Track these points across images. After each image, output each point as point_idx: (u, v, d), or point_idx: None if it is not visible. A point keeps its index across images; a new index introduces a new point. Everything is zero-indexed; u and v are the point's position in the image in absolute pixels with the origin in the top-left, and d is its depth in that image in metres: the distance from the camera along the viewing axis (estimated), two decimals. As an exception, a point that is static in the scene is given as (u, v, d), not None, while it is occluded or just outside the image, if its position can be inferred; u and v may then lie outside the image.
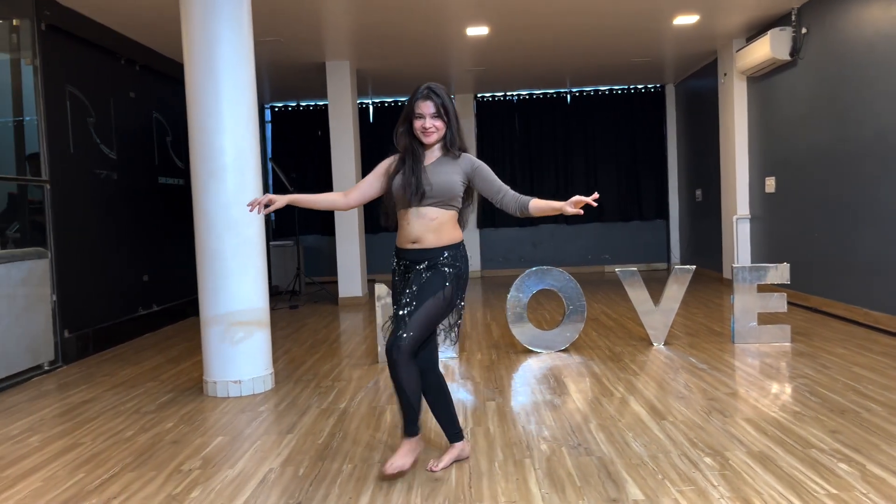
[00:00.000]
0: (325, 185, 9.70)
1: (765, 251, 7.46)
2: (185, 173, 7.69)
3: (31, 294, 4.99)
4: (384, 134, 10.61)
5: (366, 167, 9.98)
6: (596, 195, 2.60)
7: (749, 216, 7.81)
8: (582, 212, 2.65)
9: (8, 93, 5.23)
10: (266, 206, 2.80)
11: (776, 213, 7.16)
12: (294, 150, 10.60)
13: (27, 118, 5.22)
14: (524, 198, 2.77)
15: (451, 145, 2.79)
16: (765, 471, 2.68)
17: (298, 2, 5.77)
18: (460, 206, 2.84)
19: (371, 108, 10.62)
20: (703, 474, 2.68)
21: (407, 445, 2.78)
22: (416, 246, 2.78)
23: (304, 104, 10.66)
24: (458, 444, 2.90)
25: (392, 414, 3.67)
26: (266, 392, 4.23)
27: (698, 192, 9.59)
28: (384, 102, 10.65)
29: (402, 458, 2.74)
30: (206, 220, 4.17)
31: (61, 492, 2.79)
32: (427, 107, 2.74)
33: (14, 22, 5.13)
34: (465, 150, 2.83)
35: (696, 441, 3.05)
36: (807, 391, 3.75)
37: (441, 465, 2.83)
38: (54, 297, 5.20)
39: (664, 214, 10.70)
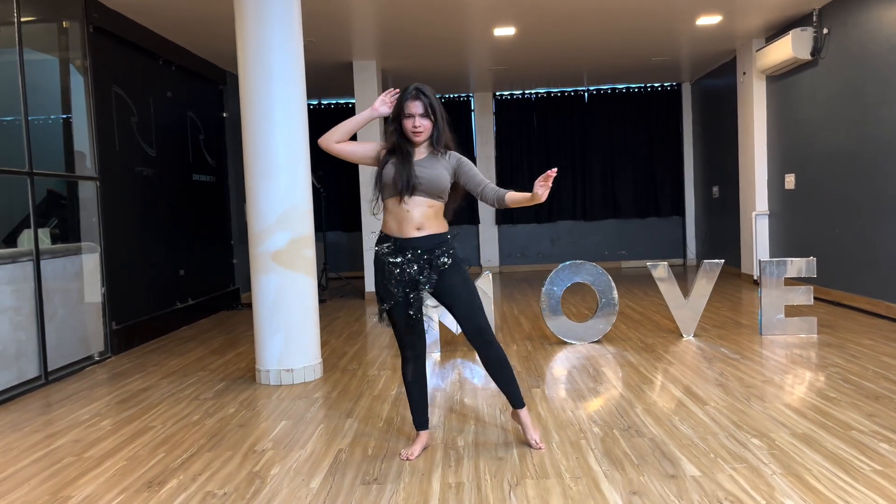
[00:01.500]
0: (352, 182, 9.88)
1: (784, 247, 7.62)
2: (216, 171, 7.88)
3: (84, 287, 5.18)
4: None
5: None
6: (555, 170, 2.79)
7: (768, 212, 7.97)
8: (545, 193, 2.77)
9: (57, 92, 5.41)
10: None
11: (796, 210, 7.32)
12: (317, 148, 10.75)
13: (74, 117, 5.40)
14: (501, 190, 2.95)
15: (437, 143, 2.96)
16: (811, 450, 2.86)
17: (331, 2, 5.94)
18: (446, 199, 3.00)
19: (391, 106, 10.76)
20: (753, 453, 2.85)
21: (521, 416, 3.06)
22: (421, 233, 2.90)
23: (325, 102, 10.84)
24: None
25: (444, 398, 3.84)
26: (316, 380, 4.41)
27: (715, 189, 9.75)
28: (404, 101, 10.80)
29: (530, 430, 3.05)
30: (259, 217, 4.35)
31: (147, 469, 2.97)
32: (416, 107, 2.88)
33: (64, 24, 5.31)
34: (450, 148, 2.99)
35: (740, 424, 3.22)
36: (840, 379, 3.91)
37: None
38: (104, 290, 5.39)
39: (680, 211, 10.87)
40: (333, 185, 10.59)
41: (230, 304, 7.89)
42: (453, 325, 5.08)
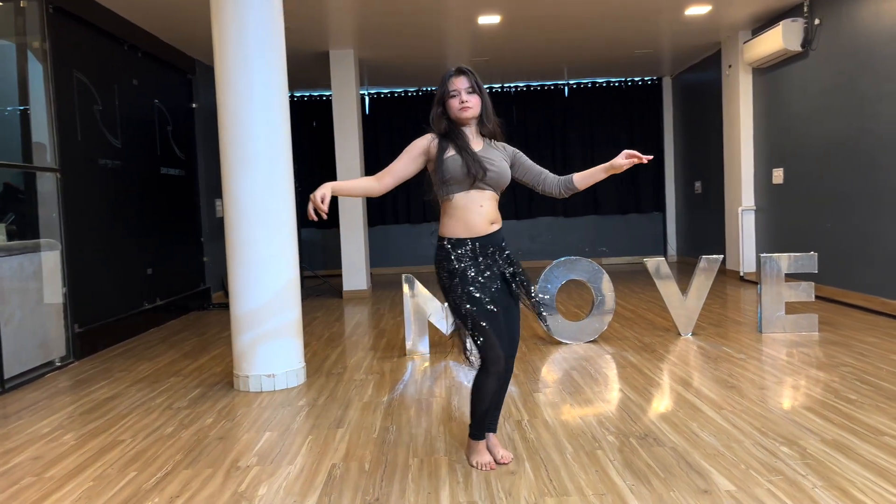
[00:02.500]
0: (329, 176, 9.53)
1: (770, 242, 7.50)
2: (185, 164, 7.49)
3: (43, 287, 4.80)
4: (380, 125, 10.54)
5: (365, 158, 9.84)
6: (649, 158, 2.68)
7: (754, 207, 7.84)
8: (627, 164, 2.68)
9: (14, 78, 5.01)
10: (322, 203, 2.57)
11: (784, 205, 7.19)
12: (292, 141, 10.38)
13: (32, 105, 5.01)
14: (563, 177, 2.79)
15: (488, 121, 2.71)
16: (847, 459, 2.65)
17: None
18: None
19: (367, 98, 10.46)
20: (786, 463, 2.63)
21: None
22: (495, 227, 2.71)
23: (297, 95, 10.47)
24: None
25: (440, 405, 3.57)
26: (300, 386, 4.11)
27: (697, 184, 9.62)
28: (380, 93, 10.50)
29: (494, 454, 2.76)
30: (237, 209, 4.03)
31: (117, 491, 2.65)
32: (461, 82, 2.65)
33: (21, 3, 4.91)
34: (497, 136, 2.77)
35: (764, 430, 3.00)
36: (854, 379, 3.73)
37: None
38: (65, 291, 5.00)
39: (661, 207, 10.73)
40: (308, 181, 10.21)
41: (201, 304, 7.51)
42: (443, 325, 4.82)
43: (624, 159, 2.67)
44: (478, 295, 2.60)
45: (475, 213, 2.66)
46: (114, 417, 3.62)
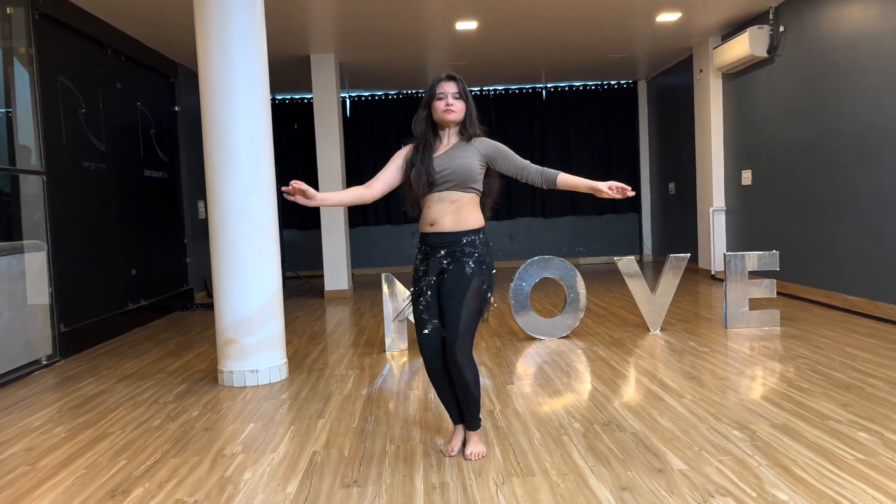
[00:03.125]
0: (309, 179, 9.66)
1: (741, 242, 7.74)
2: (168, 166, 7.61)
3: (30, 287, 4.91)
4: (361, 128, 10.69)
5: (346, 159, 9.98)
6: (631, 192, 2.75)
7: (724, 208, 8.09)
8: (611, 195, 2.75)
9: None
10: (303, 194, 2.74)
11: (753, 205, 7.44)
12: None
13: (18, 109, 5.11)
14: (551, 171, 2.85)
15: (469, 126, 2.84)
16: (792, 440, 2.85)
17: (295, -6, 5.78)
18: (481, 189, 2.87)
19: (348, 101, 10.61)
20: (737, 445, 2.83)
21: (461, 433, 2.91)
22: (433, 229, 2.80)
23: (279, 97, 10.60)
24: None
25: (417, 397, 3.74)
26: (282, 381, 4.26)
27: (671, 186, 9.87)
28: (361, 96, 10.66)
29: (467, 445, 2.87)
30: (220, 210, 4.17)
31: (109, 478, 2.79)
32: (450, 86, 2.80)
33: (8, 10, 5.02)
34: (478, 135, 2.87)
35: (719, 416, 3.21)
36: (808, 370, 3.95)
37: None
38: (51, 291, 5.12)
39: (637, 207, 10.98)
40: (287, 182, 10.34)
41: (184, 304, 7.62)
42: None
43: (607, 189, 2.74)
44: (417, 292, 2.82)
45: (423, 214, 2.85)
46: (102, 411, 3.75)
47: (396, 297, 4.96)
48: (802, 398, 3.42)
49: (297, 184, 2.72)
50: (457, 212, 2.79)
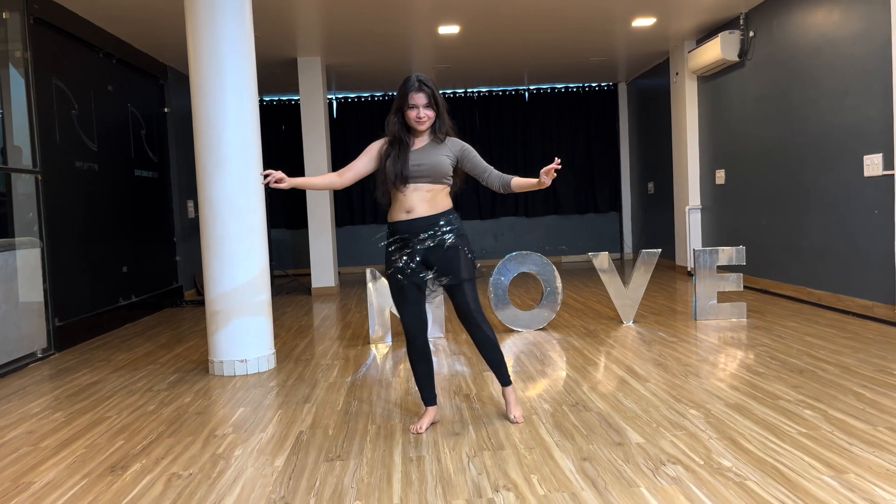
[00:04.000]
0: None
1: (716, 239, 8.01)
2: (158, 166, 7.78)
3: (25, 283, 5.08)
4: (347, 128, 10.90)
5: (333, 162, 10.19)
6: (557, 161, 2.96)
7: (700, 207, 8.35)
8: (549, 181, 2.96)
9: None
10: (277, 182, 3.05)
11: (726, 204, 7.71)
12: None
13: (13, 111, 5.28)
14: (507, 176, 3.10)
15: (439, 131, 3.07)
16: (743, 417, 3.09)
17: (282, -1, 5.98)
18: (451, 182, 3.12)
19: (335, 102, 10.81)
20: (692, 422, 3.06)
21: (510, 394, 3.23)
22: (409, 216, 3.01)
23: (266, 98, 10.78)
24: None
25: (398, 384, 3.96)
26: (270, 370, 4.46)
27: (650, 185, 10.13)
28: (347, 98, 10.86)
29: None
30: (211, 208, 4.37)
31: (108, 455, 2.99)
32: (420, 98, 3.01)
33: (3, 15, 5.19)
34: (450, 135, 3.11)
35: (679, 397, 3.44)
36: (767, 356, 4.20)
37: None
38: (46, 287, 5.29)
39: (617, 207, 11.24)
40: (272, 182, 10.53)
41: (174, 301, 7.80)
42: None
43: (545, 176, 2.95)
44: (399, 266, 3.04)
45: (398, 202, 3.07)
46: (98, 398, 3.94)
47: (381, 291, 5.17)
48: (758, 381, 3.67)
49: (272, 173, 3.02)
50: (432, 199, 3.05)
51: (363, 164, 3.15)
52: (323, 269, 8.39)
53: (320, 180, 3.23)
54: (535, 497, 2.36)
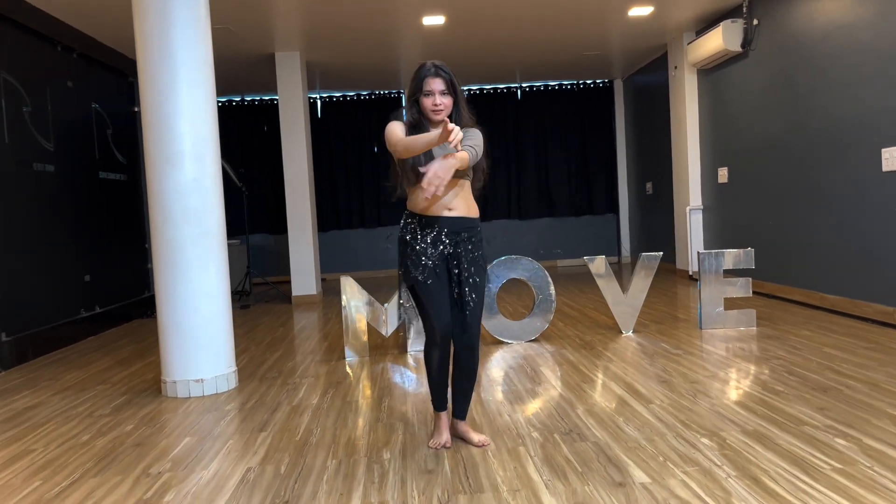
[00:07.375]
0: (277, 181, 9.42)
1: (718, 241, 7.57)
2: (127, 168, 7.32)
3: (-35, 294, 4.63)
4: (332, 129, 10.45)
5: (316, 163, 9.74)
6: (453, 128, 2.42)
7: (702, 207, 7.92)
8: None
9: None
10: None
11: (729, 203, 7.27)
12: (240, 146, 10.25)
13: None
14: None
15: (458, 122, 2.72)
16: (765, 448, 2.64)
17: (251, -14, 5.54)
18: (471, 176, 2.81)
19: (319, 102, 10.37)
20: (704, 455, 2.61)
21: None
22: (453, 213, 2.74)
23: (248, 98, 10.33)
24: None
25: (369, 406, 3.50)
26: (230, 391, 4.00)
27: (648, 185, 9.70)
28: (332, 97, 10.42)
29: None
30: (162, 210, 3.92)
31: (18, 501, 2.53)
32: (436, 83, 2.69)
33: (-59, 1, 4.75)
34: (469, 126, 2.77)
35: (688, 423, 2.99)
36: (784, 371, 3.75)
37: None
38: (-10, 298, 4.83)
39: (614, 208, 10.80)
40: (257, 185, 10.09)
41: (144, 311, 7.33)
42: (384, 328, 4.75)
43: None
44: (426, 263, 2.71)
45: (434, 198, 2.70)
46: (30, 426, 3.48)
47: (356, 301, 4.72)
48: (777, 402, 3.22)
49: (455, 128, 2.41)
50: (465, 197, 2.77)
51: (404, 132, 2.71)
52: (304, 276, 7.93)
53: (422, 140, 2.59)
54: (517, 560, 1.91)
